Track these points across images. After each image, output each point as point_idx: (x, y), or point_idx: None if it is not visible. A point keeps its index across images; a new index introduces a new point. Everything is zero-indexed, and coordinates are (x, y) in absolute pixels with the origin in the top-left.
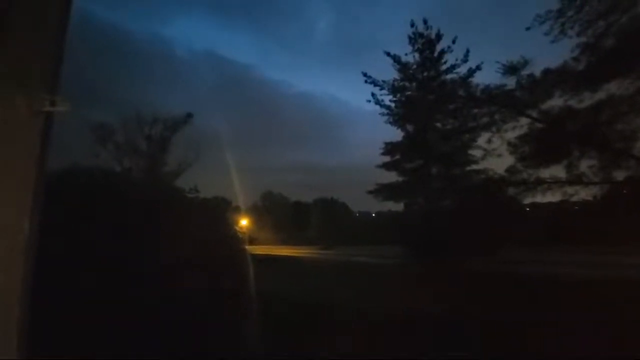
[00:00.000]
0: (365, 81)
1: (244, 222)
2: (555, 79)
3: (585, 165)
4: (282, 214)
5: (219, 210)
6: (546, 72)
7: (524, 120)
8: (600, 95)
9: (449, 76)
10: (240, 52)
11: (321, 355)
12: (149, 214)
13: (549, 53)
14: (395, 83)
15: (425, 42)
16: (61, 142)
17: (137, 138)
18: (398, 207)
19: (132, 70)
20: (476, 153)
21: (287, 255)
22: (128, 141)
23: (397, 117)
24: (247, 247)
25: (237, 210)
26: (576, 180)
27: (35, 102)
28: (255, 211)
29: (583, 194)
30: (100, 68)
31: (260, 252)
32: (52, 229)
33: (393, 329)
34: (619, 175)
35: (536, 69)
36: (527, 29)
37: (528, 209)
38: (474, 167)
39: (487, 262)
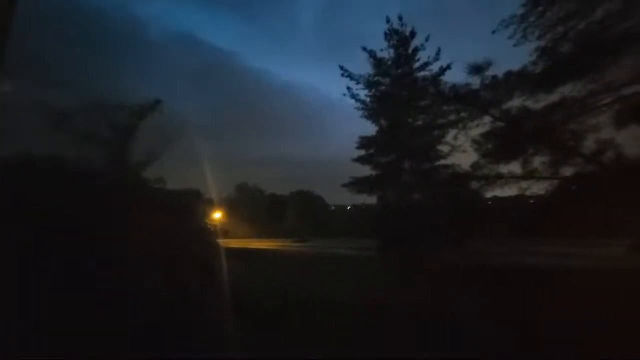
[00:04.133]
0: (342, 74)
1: (217, 214)
2: (515, 80)
3: (538, 162)
4: (257, 207)
5: (188, 201)
6: (508, 73)
7: (487, 119)
8: (555, 97)
9: (421, 73)
10: (220, 37)
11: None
12: (107, 203)
13: (517, 55)
14: (370, 78)
15: (400, 39)
16: (13, 128)
17: (99, 125)
18: (372, 200)
19: (100, 52)
20: (444, 149)
21: (261, 249)
22: (89, 128)
23: (371, 112)
24: (220, 240)
25: (209, 202)
26: (529, 175)
27: None
28: (229, 204)
29: (535, 188)
30: (64, 49)
31: (234, 246)
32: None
33: (363, 319)
34: (567, 171)
35: (502, 70)
36: (493, 32)
37: (490, 203)
38: (442, 162)
39: (452, 253)
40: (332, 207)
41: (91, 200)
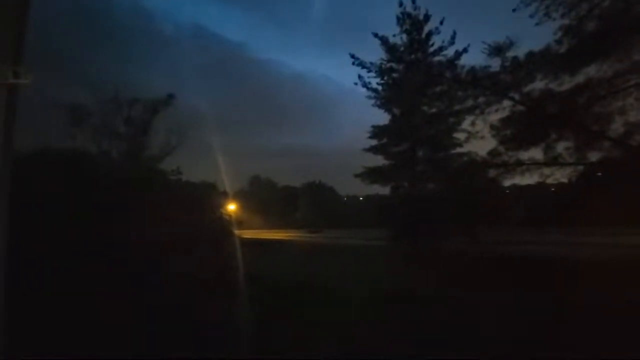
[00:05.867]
0: (353, 63)
1: (231, 206)
2: (538, 61)
3: (562, 147)
4: (270, 199)
5: (204, 193)
6: (529, 54)
7: (507, 103)
8: (579, 78)
9: (436, 58)
10: (231, 29)
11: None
12: (125, 195)
13: (538, 36)
14: (383, 65)
15: (413, 23)
16: (32, 124)
17: (115, 120)
18: (385, 190)
19: (111, 46)
20: (460, 136)
21: (274, 239)
22: (105, 123)
23: (384, 100)
24: (235, 230)
25: (224, 195)
26: (552, 161)
27: None
28: (243, 196)
29: (559, 175)
30: (76, 43)
31: (248, 236)
32: (23, 214)
33: (374, 308)
34: (593, 156)
35: (523, 51)
36: (514, 10)
37: (508, 191)
38: (458, 150)
39: (467, 243)
40: (344, 198)
41: (110, 192)
